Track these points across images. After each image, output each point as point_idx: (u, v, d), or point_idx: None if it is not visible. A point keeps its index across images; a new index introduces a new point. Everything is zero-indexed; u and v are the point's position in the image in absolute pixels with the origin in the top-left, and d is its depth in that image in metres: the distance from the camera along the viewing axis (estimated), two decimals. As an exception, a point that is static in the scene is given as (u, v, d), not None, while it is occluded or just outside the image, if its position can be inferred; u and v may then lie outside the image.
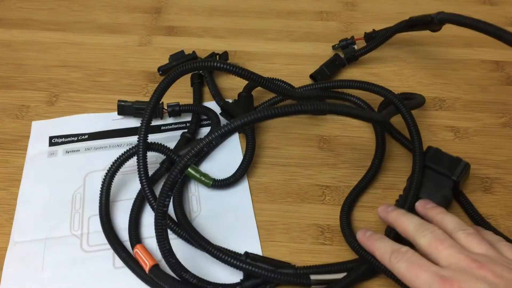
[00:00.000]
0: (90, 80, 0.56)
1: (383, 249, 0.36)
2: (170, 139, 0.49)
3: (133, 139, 0.47)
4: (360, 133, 0.50)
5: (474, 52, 0.58)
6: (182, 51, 0.57)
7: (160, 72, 0.56)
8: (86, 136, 0.50)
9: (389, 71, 0.56)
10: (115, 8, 0.66)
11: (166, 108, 0.50)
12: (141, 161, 0.43)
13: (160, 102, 0.47)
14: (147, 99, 0.54)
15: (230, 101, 0.52)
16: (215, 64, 0.41)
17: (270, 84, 0.43)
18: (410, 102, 0.49)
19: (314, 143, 0.50)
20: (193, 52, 0.57)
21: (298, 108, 0.37)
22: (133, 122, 0.51)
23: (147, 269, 0.38)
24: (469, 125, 0.51)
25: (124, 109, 0.50)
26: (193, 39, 0.61)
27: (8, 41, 0.61)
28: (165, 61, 0.57)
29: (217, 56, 0.57)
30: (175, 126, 0.51)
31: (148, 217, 0.44)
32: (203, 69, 0.51)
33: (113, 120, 0.51)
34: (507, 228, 0.42)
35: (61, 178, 0.47)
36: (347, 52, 0.56)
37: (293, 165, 0.48)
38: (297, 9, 0.65)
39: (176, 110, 0.50)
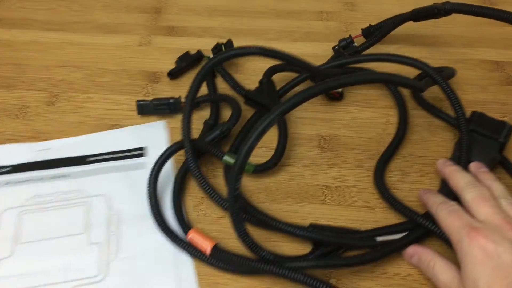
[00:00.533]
0: (90, 80, 0.56)
1: (434, 200, 0.40)
2: (97, 171, 0.47)
3: (60, 171, 0.46)
4: (360, 133, 0.50)
5: (474, 52, 0.58)
6: (188, 52, 0.57)
7: (170, 76, 0.56)
8: (9, 168, 0.47)
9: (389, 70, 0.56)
10: (115, 8, 0.66)
11: (183, 101, 0.51)
12: (189, 153, 0.44)
13: (178, 96, 0.51)
14: (147, 99, 0.54)
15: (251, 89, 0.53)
16: (259, 50, 0.43)
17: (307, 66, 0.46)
18: (444, 73, 0.50)
19: (314, 143, 0.50)
20: (198, 51, 0.58)
21: (353, 80, 0.40)
22: (58, 153, 0.48)
23: (208, 250, 0.40)
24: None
25: (143, 108, 0.51)
26: (193, 39, 0.61)
27: (8, 41, 0.61)
28: (165, 61, 0.57)
29: (222, 46, 0.57)
30: (102, 157, 0.48)
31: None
32: (247, 54, 0.48)
33: (39, 151, 0.48)
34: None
35: None
36: (349, 50, 0.56)
37: (293, 165, 0.48)
38: (297, 9, 0.65)
39: (193, 103, 0.49)
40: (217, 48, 0.57)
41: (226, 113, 0.51)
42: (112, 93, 0.55)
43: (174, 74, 0.56)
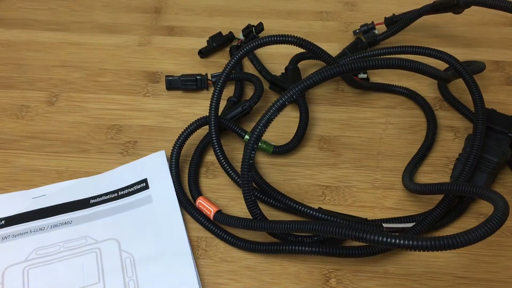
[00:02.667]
0: (90, 80, 0.56)
1: None
2: (102, 214, 0.43)
3: (60, 218, 0.43)
4: (360, 133, 0.50)
5: (474, 52, 0.58)
6: (220, 33, 0.59)
7: (201, 55, 0.58)
8: (3, 222, 0.42)
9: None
10: (115, 8, 0.66)
11: (210, 78, 0.54)
12: (213, 130, 0.45)
13: (205, 73, 0.54)
14: (147, 98, 0.54)
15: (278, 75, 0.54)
16: (296, 40, 0.45)
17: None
18: (470, 67, 0.50)
19: (314, 143, 0.50)
20: (230, 32, 0.60)
21: (374, 63, 0.40)
22: (56, 199, 0.44)
23: (211, 215, 0.41)
24: (469, 125, 0.51)
25: (171, 83, 0.54)
26: (193, 39, 0.61)
27: (8, 41, 0.61)
28: (165, 60, 0.57)
29: (253, 28, 0.59)
30: (105, 198, 0.45)
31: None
32: (287, 43, 0.48)
33: (34, 199, 0.44)
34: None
35: None
36: (369, 37, 0.57)
37: (293, 165, 0.48)
38: (297, 9, 0.65)
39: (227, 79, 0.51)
40: (248, 29, 0.59)
41: (250, 93, 0.53)
42: (112, 93, 0.55)
43: (204, 53, 0.58)
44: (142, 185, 0.45)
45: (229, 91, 0.54)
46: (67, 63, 0.58)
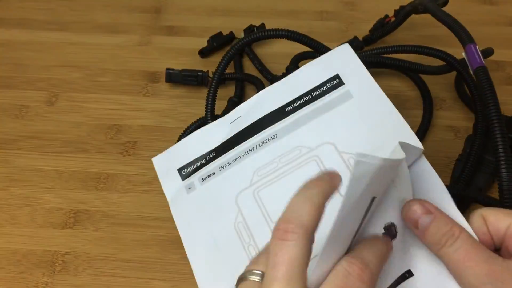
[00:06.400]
0: (90, 80, 0.56)
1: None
2: (304, 120, 0.40)
3: (264, 135, 0.40)
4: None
5: (474, 52, 0.58)
6: (220, 32, 0.59)
7: (201, 55, 0.58)
8: (214, 154, 0.41)
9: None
10: (115, 8, 0.66)
11: (211, 76, 0.53)
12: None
13: (206, 70, 0.54)
14: (147, 98, 0.54)
15: (279, 75, 0.54)
16: (287, 33, 0.45)
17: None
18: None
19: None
20: (231, 32, 0.60)
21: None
22: (252, 117, 0.41)
23: None
24: (469, 125, 0.51)
25: (171, 76, 0.54)
26: (193, 39, 0.61)
27: (8, 41, 0.61)
28: (165, 60, 0.57)
29: (255, 28, 0.60)
30: (300, 102, 0.41)
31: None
32: (276, 37, 0.48)
33: (231, 123, 0.42)
34: None
35: (212, 213, 0.38)
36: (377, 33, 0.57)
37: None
38: (297, 9, 0.65)
39: (213, 78, 0.51)
40: (250, 29, 0.59)
41: (251, 93, 0.53)
42: (112, 93, 0.55)
43: (205, 53, 0.58)
44: (336, 82, 0.40)
45: (230, 91, 0.54)
46: (67, 63, 0.58)
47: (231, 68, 0.56)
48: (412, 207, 0.30)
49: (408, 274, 0.32)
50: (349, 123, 0.38)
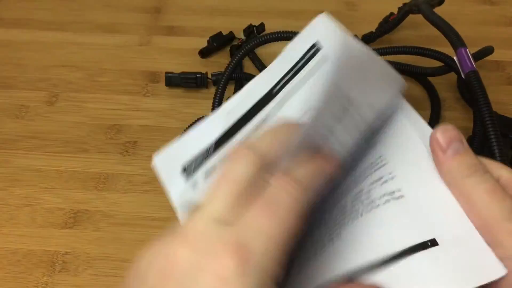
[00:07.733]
0: (90, 80, 0.56)
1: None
2: (289, 95, 0.41)
3: (259, 119, 0.41)
4: (360, 133, 0.50)
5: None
6: (220, 32, 0.59)
7: (202, 55, 0.58)
8: (213, 148, 0.42)
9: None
10: (115, 7, 0.66)
11: (210, 77, 0.54)
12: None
13: (205, 72, 0.54)
14: (147, 98, 0.54)
15: None
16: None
17: None
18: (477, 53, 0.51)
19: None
20: (230, 32, 0.60)
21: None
22: (246, 104, 0.43)
23: None
24: (469, 125, 0.51)
25: (171, 80, 0.54)
26: (193, 39, 0.61)
27: (8, 41, 0.61)
28: (165, 60, 0.57)
29: (254, 28, 0.59)
30: (285, 80, 0.43)
31: None
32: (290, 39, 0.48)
33: (229, 113, 0.43)
34: None
35: None
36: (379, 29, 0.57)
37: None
38: (297, 9, 0.65)
39: (220, 78, 0.50)
40: (249, 29, 0.59)
41: None
42: (112, 93, 0.55)
43: (205, 53, 0.58)
44: (314, 50, 0.42)
45: (230, 91, 0.54)
46: (67, 63, 0.58)
47: (231, 68, 0.56)
48: (452, 131, 0.28)
49: (432, 243, 0.27)
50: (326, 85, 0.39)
